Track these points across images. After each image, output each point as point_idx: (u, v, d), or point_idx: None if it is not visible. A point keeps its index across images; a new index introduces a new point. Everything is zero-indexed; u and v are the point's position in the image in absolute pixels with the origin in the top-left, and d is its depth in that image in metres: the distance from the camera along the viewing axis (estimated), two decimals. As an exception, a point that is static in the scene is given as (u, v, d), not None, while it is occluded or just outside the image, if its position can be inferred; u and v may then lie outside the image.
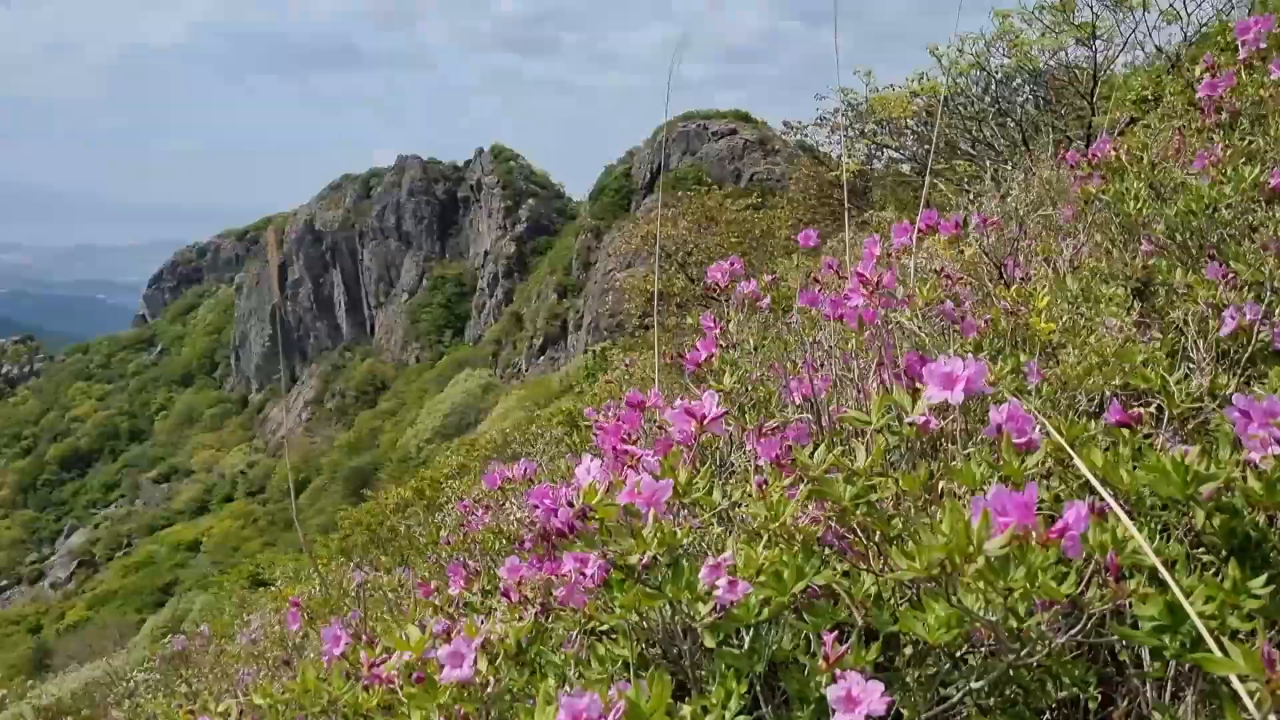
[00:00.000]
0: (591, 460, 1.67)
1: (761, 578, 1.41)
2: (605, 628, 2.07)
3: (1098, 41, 12.61)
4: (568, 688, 1.79)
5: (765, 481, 1.65)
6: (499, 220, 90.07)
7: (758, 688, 1.64)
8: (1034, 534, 1.14)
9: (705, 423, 1.83)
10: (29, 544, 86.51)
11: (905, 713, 1.55)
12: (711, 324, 2.98)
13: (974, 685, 1.45)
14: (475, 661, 1.46)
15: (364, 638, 2.45)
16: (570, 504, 1.57)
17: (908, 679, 1.62)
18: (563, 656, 1.77)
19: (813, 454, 1.71)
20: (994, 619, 1.24)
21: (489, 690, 1.48)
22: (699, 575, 1.42)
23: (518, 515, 2.76)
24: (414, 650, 1.55)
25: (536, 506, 2.72)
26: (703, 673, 1.61)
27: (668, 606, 1.49)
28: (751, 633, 1.65)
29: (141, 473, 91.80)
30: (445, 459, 16.17)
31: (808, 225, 17.24)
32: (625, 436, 2.71)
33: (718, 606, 1.40)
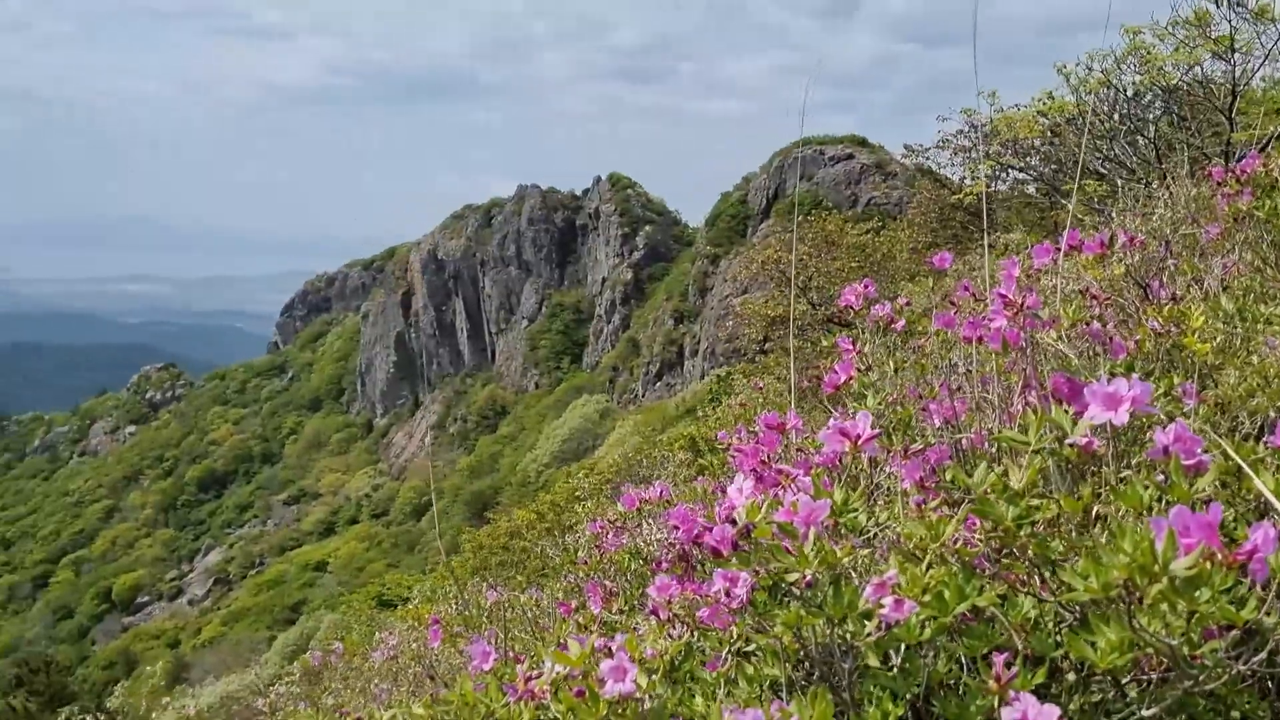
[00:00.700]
0: (744, 480, 1.69)
1: (926, 597, 1.40)
2: (752, 648, 2.07)
3: (1235, 55, 12.15)
4: (717, 706, 1.80)
5: (923, 501, 1.64)
6: (616, 247, 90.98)
7: (907, 712, 1.63)
8: (1220, 555, 1.12)
9: (859, 443, 1.83)
10: (169, 561, 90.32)
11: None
12: (849, 346, 2.97)
13: (1145, 714, 1.41)
14: (636, 676, 1.48)
15: (508, 654, 2.50)
16: (731, 521, 1.59)
17: (1070, 707, 1.59)
18: (713, 675, 1.78)
19: (961, 477, 1.69)
20: (1173, 643, 1.21)
21: (646, 705, 1.51)
22: (861, 594, 1.42)
23: (657, 536, 2.78)
24: (575, 664, 1.58)
25: (676, 527, 2.75)
26: (856, 694, 1.61)
27: (826, 625, 1.49)
28: (903, 655, 1.64)
29: (273, 495, 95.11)
30: (573, 482, 16.36)
31: (929, 249, 16.97)
32: (765, 458, 2.72)
33: (881, 625, 1.40)
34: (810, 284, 16.39)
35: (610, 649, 1.61)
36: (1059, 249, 3.11)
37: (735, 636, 1.95)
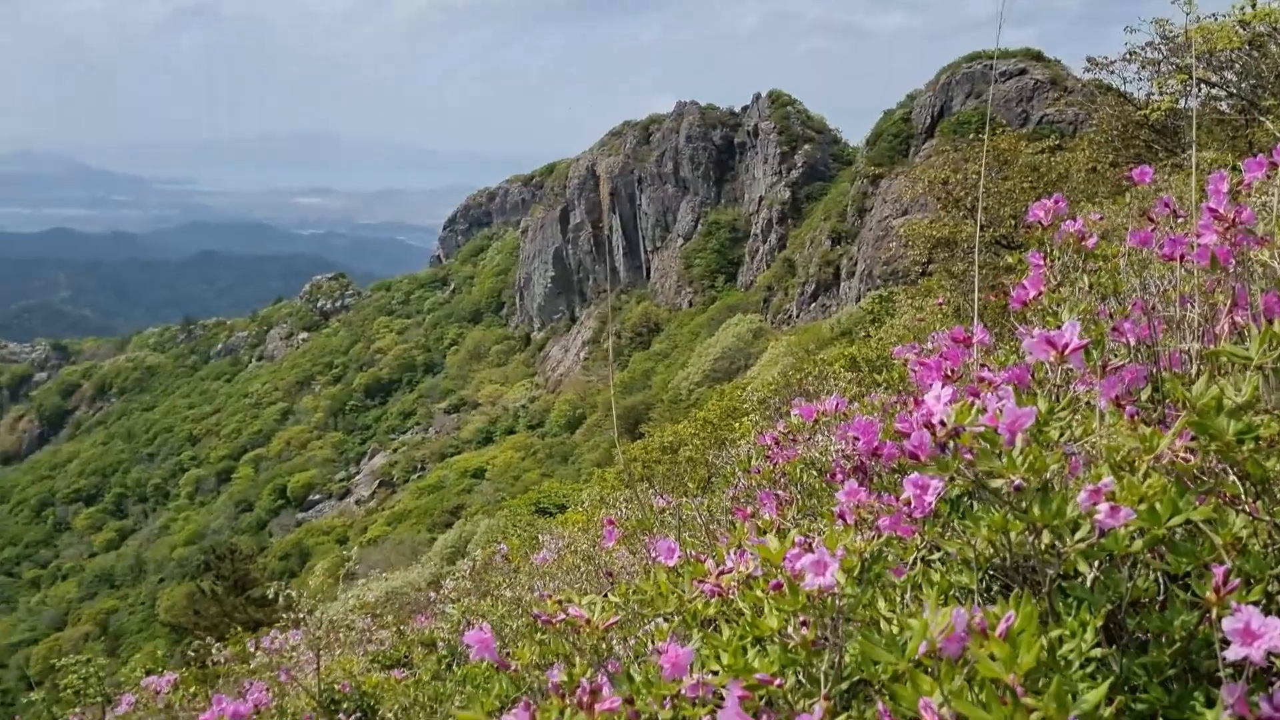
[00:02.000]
0: (942, 387, 1.68)
1: (1142, 506, 1.38)
2: (935, 557, 2.08)
3: None
4: (901, 611, 1.82)
5: (1136, 414, 1.60)
6: (774, 166, 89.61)
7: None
8: None
9: (1065, 352, 1.79)
10: (338, 463, 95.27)
11: (1278, 663, 1.48)
12: (1039, 261, 2.88)
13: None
14: (836, 572, 1.51)
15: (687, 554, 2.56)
16: (929, 426, 1.58)
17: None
18: (900, 580, 1.80)
19: (1180, 390, 1.64)
20: None
21: (840, 602, 1.53)
22: (1074, 500, 1.40)
23: (835, 447, 2.79)
24: (775, 559, 1.62)
25: (857, 438, 2.75)
26: (1054, 604, 1.60)
27: (1029, 532, 1.48)
28: (1102, 569, 1.62)
29: (434, 403, 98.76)
30: (734, 397, 16.43)
31: (1110, 169, 16.10)
32: (949, 372, 2.69)
33: (1094, 532, 1.39)
34: (978, 204, 15.81)
35: (810, 544, 1.65)
36: (1273, 164, 2.93)
37: (921, 543, 1.96)
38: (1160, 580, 1.65)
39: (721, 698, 1.59)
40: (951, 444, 1.53)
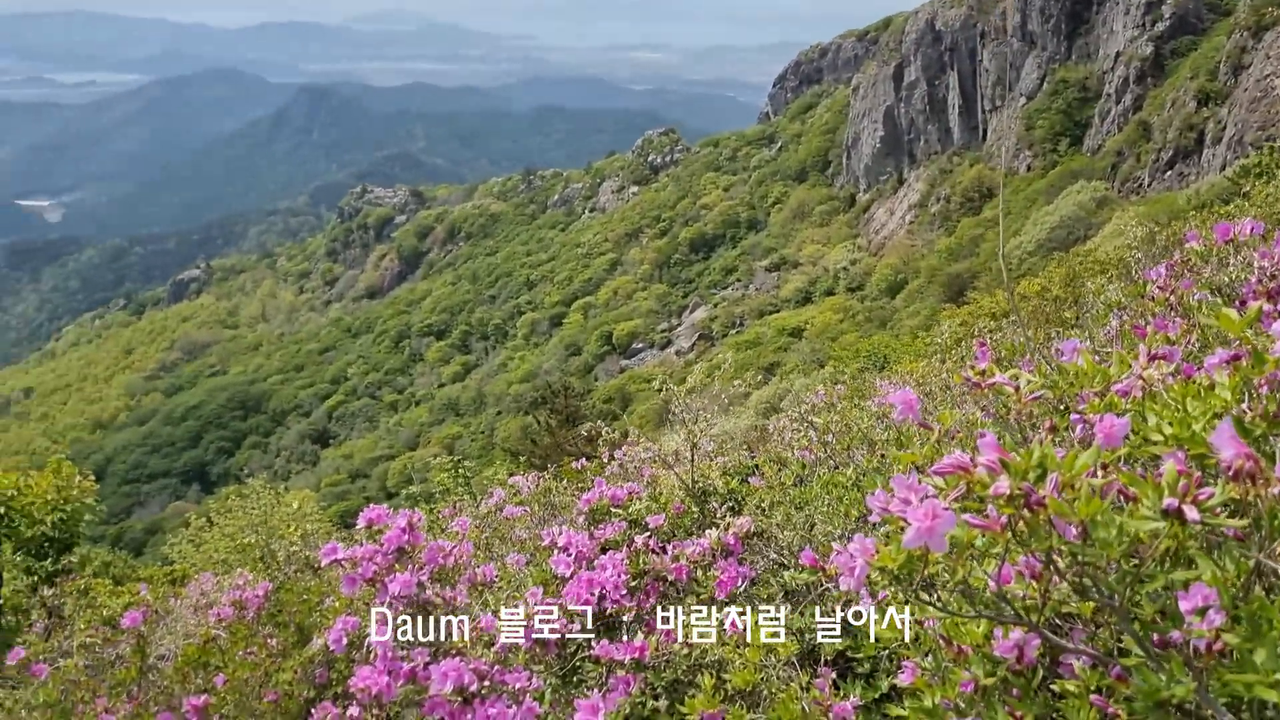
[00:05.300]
0: None
1: None
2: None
3: None
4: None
5: None
6: (1137, 17, 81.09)
7: None
8: None
9: None
10: (660, 314, 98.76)
11: None
12: None
13: None
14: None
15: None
16: None
17: None
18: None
19: None
20: None
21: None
22: None
23: (1259, 265, 2.62)
24: (1234, 329, 1.57)
25: (1286, 256, 2.57)
26: None
27: None
28: None
29: (755, 260, 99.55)
30: (1075, 262, 15.53)
31: None
32: None
33: None
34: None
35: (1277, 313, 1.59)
36: None
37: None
38: None
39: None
40: None
